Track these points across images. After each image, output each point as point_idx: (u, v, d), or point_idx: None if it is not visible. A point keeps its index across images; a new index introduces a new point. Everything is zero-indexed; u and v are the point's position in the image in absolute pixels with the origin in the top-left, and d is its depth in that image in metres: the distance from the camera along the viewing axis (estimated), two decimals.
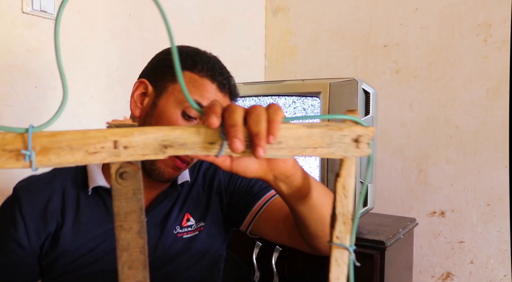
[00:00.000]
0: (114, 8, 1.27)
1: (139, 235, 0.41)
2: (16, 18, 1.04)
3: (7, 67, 1.04)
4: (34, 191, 0.72)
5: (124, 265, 0.41)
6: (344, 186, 0.48)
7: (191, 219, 0.79)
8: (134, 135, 0.40)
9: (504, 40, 1.34)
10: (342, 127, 0.46)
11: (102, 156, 0.38)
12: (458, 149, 1.43)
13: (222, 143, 0.41)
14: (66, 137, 0.39)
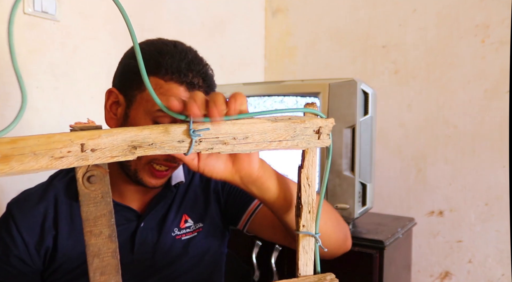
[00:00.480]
0: (115, 9, 1.27)
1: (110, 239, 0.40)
2: (18, 19, 1.05)
3: (8, 67, 1.04)
4: (28, 207, 0.71)
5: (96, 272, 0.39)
6: (308, 176, 0.51)
7: (189, 220, 0.79)
8: (102, 137, 0.38)
9: (502, 40, 1.35)
10: (304, 120, 0.48)
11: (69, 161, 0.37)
12: (456, 148, 1.43)
13: (192, 141, 0.42)
14: (28, 143, 0.36)
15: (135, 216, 0.74)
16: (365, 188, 1.10)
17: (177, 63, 0.65)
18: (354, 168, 1.07)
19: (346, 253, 1.07)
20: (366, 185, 1.10)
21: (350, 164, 1.07)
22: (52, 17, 1.10)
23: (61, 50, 1.14)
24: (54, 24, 1.12)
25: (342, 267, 1.08)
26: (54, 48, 1.12)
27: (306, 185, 0.50)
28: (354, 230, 1.15)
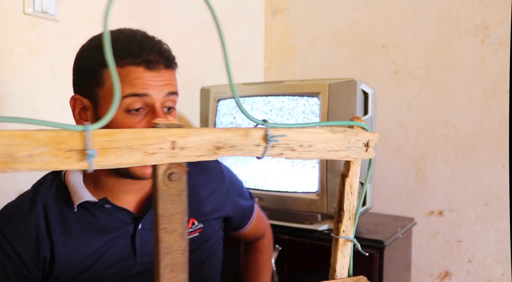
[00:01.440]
0: (115, 10, 1.27)
1: (182, 237, 0.40)
2: (18, 19, 1.05)
3: (9, 67, 1.04)
4: (17, 220, 0.68)
5: (166, 268, 0.39)
6: (351, 185, 0.54)
7: (195, 222, 0.79)
8: (191, 136, 0.39)
9: (502, 41, 1.35)
10: (357, 133, 0.52)
11: (160, 157, 0.37)
12: (456, 148, 1.44)
13: (267, 145, 0.44)
14: (123, 137, 0.35)
15: (132, 218, 0.72)
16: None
17: (127, 47, 0.64)
18: None
19: None
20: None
21: None
22: (52, 17, 1.11)
23: (61, 50, 1.14)
24: (54, 24, 1.12)
25: None
26: (54, 48, 1.13)
27: (349, 193, 0.54)
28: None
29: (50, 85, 1.13)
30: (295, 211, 1.13)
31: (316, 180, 1.10)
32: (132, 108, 0.63)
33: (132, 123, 0.64)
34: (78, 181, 0.71)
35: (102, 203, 0.70)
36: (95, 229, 0.70)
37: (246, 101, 1.21)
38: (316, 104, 1.10)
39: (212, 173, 0.85)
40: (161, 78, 0.65)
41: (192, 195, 0.80)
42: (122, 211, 0.72)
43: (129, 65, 0.63)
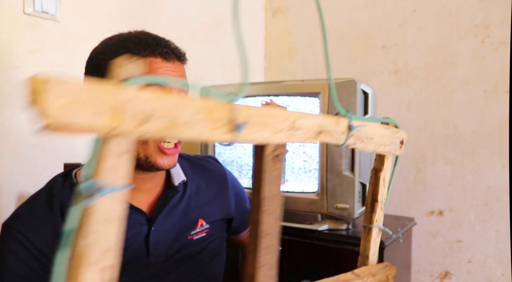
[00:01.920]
0: (115, 10, 1.27)
1: (277, 220, 0.40)
2: (18, 19, 1.05)
3: (9, 67, 1.04)
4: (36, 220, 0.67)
5: (264, 251, 0.39)
6: (384, 178, 0.59)
7: (204, 223, 0.80)
8: (305, 118, 0.39)
9: (502, 41, 1.35)
10: (398, 131, 0.58)
11: (282, 136, 0.37)
12: (456, 148, 1.44)
13: (349, 134, 0.47)
14: (258, 113, 0.35)
15: (146, 219, 0.73)
16: (365, 188, 1.10)
17: (144, 41, 0.68)
18: (354, 168, 1.07)
19: (346, 253, 1.07)
20: (366, 185, 1.10)
21: (350, 164, 1.08)
22: (52, 17, 1.11)
23: (61, 50, 1.14)
24: (54, 24, 1.12)
25: (342, 267, 1.08)
26: (54, 48, 1.13)
27: (383, 185, 0.59)
28: (354, 230, 1.15)
29: None
30: (295, 211, 1.13)
31: (316, 180, 1.10)
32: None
33: None
34: None
35: None
36: None
37: (246, 101, 1.21)
38: (316, 104, 1.10)
39: (215, 175, 0.87)
40: (176, 69, 0.69)
41: (198, 196, 0.81)
42: (137, 211, 0.73)
43: (148, 56, 0.67)
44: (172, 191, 0.77)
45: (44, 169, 1.11)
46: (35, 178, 1.10)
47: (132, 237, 0.71)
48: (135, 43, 0.68)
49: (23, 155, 1.08)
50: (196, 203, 0.81)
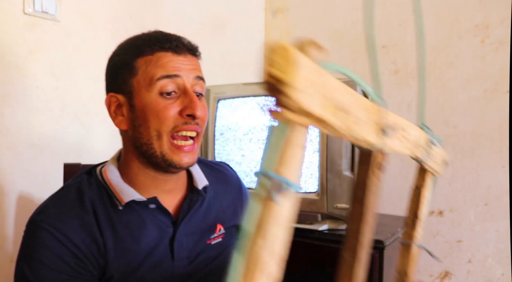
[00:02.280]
0: (115, 10, 1.27)
1: (372, 232, 0.40)
2: (18, 19, 1.05)
3: (9, 67, 1.04)
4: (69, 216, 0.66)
5: (360, 264, 0.37)
6: (425, 197, 0.60)
7: (222, 229, 0.80)
8: (413, 128, 0.39)
9: (502, 41, 1.35)
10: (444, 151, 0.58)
11: (396, 143, 0.35)
12: (456, 148, 1.44)
13: (428, 149, 0.45)
14: (389, 117, 0.33)
15: (171, 222, 0.72)
16: None
17: (154, 37, 0.69)
18: (354, 167, 1.07)
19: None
20: None
21: (350, 164, 1.08)
22: (52, 17, 1.11)
23: (61, 50, 1.14)
24: (54, 24, 1.12)
25: None
26: (54, 48, 1.13)
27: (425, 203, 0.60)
28: None
29: (50, 85, 1.13)
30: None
31: (316, 180, 1.10)
32: (165, 91, 0.66)
33: (166, 104, 0.66)
34: (121, 180, 0.71)
35: (149, 202, 0.70)
36: (140, 229, 0.69)
37: (246, 101, 1.21)
38: None
39: (231, 181, 0.87)
40: (188, 62, 0.69)
41: (216, 201, 0.81)
42: (165, 212, 0.71)
43: (158, 51, 0.67)
44: (196, 194, 0.76)
45: (44, 169, 1.11)
46: (35, 178, 1.10)
47: (159, 239, 0.70)
48: (145, 41, 0.69)
49: (23, 155, 1.08)
50: (214, 207, 0.80)
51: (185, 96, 0.67)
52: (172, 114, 0.66)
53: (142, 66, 0.67)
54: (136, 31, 1.09)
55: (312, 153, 1.11)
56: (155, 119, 0.66)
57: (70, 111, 1.17)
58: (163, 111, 0.66)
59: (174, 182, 0.74)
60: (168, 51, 0.68)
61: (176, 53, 0.68)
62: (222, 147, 1.25)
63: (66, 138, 1.16)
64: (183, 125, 0.67)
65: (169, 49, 0.68)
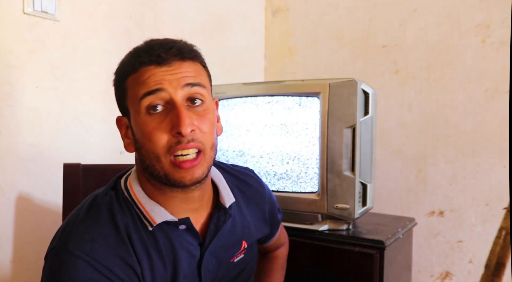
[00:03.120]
0: (115, 9, 1.27)
1: None
2: (18, 19, 1.05)
3: (9, 67, 1.04)
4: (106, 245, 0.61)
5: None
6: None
7: (246, 246, 0.77)
8: None
9: (503, 41, 1.34)
10: None
11: None
12: (457, 149, 1.43)
13: None
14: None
15: (198, 243, 0.69)
16: (365, 188, 1.10)
17: (137, 51, 0.65)
18: (355, 168, 1.06)
19: (347, 253, 1.07)
20: (366, 185, 1.10)
21: (351, 164, 1.07)
22: (52, 17, 1.10)
23: (61, 50, 1.14)
24: (54, 24, 1.12)
25: (342, 267, 1.08)
26: (54, 48, 1.12)
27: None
28: (354, 230, 1.15)
29: (50, 85, 1.12)
30: (295, 211, 1.13)
31: (317, 180, 1.10)
32: (151, 107, 0.61)
33: (154, 125, 0.61)
34: (148, 199, 0.66)
35: (180, 223, 0.66)
36: (170, 254, 0.66)
37: (246, 101, 1.21)
38: (316, 104, 1.10)
39: (256, 193, 0.83)
40: (175, 71, 0.62)
41: (240, 217, 0.78)
42: (193, 232, 0.68)
43: (142, 66, 0.63)
44: (223, 213, 0.71)
45: (44, 169, 1.11)
46: (35, 178, 1.10)
47: (188, 264, 0.67)
48: (131, 56, 0.65)
49: (23, 155, 1.08)
50: (239, 223, 0.77)
51: (173, 112, 0.61)
52: (162, 136, 0.60)
53: (130, 86, 0.63)
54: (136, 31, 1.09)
55: (312, 153, 1.11)
56: (149, 142, 0.61)
57: (70, 111, 1.17)
58: (153, 134, 0.61)
59: (197, 200, 0.69)
60: (150, 65, 0.62)
61: (158, 65, 0.62)
62: (222, 146, 1.25)
63: (66, 139, 1.16)
64: (176, 146, 0.60)
65: (152, 62, 0.62)
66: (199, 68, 0.67)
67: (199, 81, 0.64)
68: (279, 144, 1.15)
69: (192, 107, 0.63)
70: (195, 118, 0.62)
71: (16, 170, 1.07)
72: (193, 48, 0.69)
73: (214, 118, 0.66)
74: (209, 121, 0.64)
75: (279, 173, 1.16)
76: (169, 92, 0.61)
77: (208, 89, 0.67)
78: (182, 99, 0.62)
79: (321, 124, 1.08)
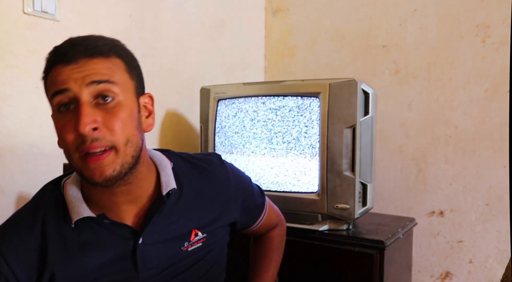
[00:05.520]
0: (115, 9, 1.27)
1: None
2: (17, 19, 1.05)
3: (8, 67, 1.04)
4: (16, 238, 0.65)
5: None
6: None
7: (199, 233, 0.76)
8: None
9: (503, 40, 1.34)
10: None
11: None
12: (457, 149, 1.43)
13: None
14: None
15: (131, 232, 0.69)
16: (365, 188, 1.10)
17: (51, 52, 0.65)
18: (355, 168, 1.06)
19: (347, 253, 1.07)
20: (366, 185, 1.10)
21: (351, 164, 1.07)
22: (52, 17, 1.10)
23: None
24: (54, 24, 1.12)
25: (342, 267, 1.08)
26: None
27: None
28: (355, 230, 1.15)
29: None
30: (295, 211, 1.13)
31: (316, 180, 1.10)
32: (61, 105, 0.62)
33: (63, 123, 0.62)
34: (77, 195, 0.68)
35: (101, 219, 0.67)
36: (94, 246, 0.67)
37: (246, 101, 1.21)
38: (316, 104, 1.10)
39: (218, 179, 0.81)
40: (81, 69, 0.61)
41: (196, 204, 0.76)
42: (122, 226, 0.69)
43: (53, 66, 0.63)
44: (160, 201, 0.71)
45: (44, 169, 1.11)
46: (34, 178, 1.10)
47: (117, 254, 0.68)
48: (48, 57, 0.65)
49: (23, 155, 1.08)
50: (192, 211, 0.76)
51: (77, 111, 0.60)
52: (69, 135, 0.61)
53: (47, 85, 0.64)
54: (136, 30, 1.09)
55: (312, 153, 1.11)
56: (61, 140, 0.63)
57: None
58: (62, 132, 0.62)
59: (128, 193, 0.69)
60: (59, 64, 0.62)
61: (64, 63, 0.61)
62: (222, 146, 1.25)
63: None
64: (81, 146, 0.60)
65: (59, 62, 0.62)
66: (112, 64, 0.65)
67: (107, 78, 0.62)
68: (279, 144, 1.15)
69: (103, 105, 0.62)
70: (102, 116, 0.61)
71: (16, 170, 1.07)
72: (107, 44, 0.67)
73: (131, 114, 0.65)
74: (118, 118, 0.62)
75: (279, 173, 1.16)
76: (73, 91, 0.61)
77: (125, 86, 0.65)
78: (89, 97, 0.61)
79: (321, 124, 1.08)
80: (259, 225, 0.92)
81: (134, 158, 0.65)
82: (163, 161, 0.76)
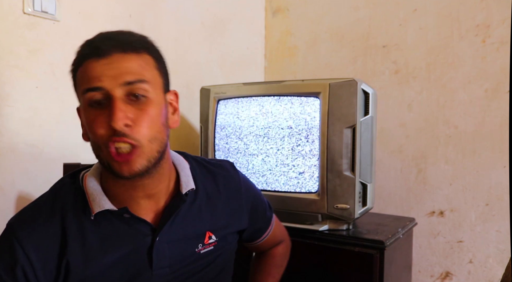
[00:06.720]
0: (115, 9, 1.27)
1: None
2: (17, 19, 1.05)
3: (8, 67, 1.04)
4: (37, 228, 0.66)
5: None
6: None
7: (212, 236, 0.77)
8: None
9: (503, 41, 1.34)
10: None
11: None
12: (457, 149, 1.43)
13: None
14: None
15: (150, 229, 0.70)
16: (365, 188, 1.10)
17: (83, 45, 0.66)
18: (355, 168, 1.06)
19: (347, 253, 1.07)
20: (366, 185, 1.10)
21: (351, 164, 1.07)
22: (52, 17, 1.10)
23: (61, 50, 1.14)
24: (54, 24, 1.12)
25: (342, 267, 1.08)
26: (54, 48, 1.12)
27: None
28: (355, 230, 1.15)
29: (50, 85, 1.12)
30: (295, 211, 1.13)
31: (317, 180, 1.10)
32: (93, 101, 0.62)
33: (95, 117, 0.63)
34: (97, 188, 0.69)
35: (122, 212, 0.68)
36: (113, 239, 0.68)
37: (246, 101, 1.21)
38: (316, 104, 1.10)
39: (230, 186, 0.82)
40: (114, 65, 0.62)
41: (208, 207, 0.77)
42: (141, 221, 0.69)
43: (85, 59, 0.63)
44: (179, 199, 0.72)
45: (44, 169, 1.11)
46: (34, 178, 1.10)
47: (134, 249, 0.69)
48: (80, 49, 0.66)
49: (22, 155, 1.08)
50: (206, 214, 0.76)
51: (111, 106, 0.61)
52: (100, 127, 0.62)
53: (79, 78, 0.65)
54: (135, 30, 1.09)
55: (312, 153, 1.11)
56: (91, 133, 0.64)
57: (70, 111, 1.17)
58: (92, 125, 0.63)
59: (150, 188, 0.70)
60: (91, 57, 0.62)
61: (98, 57, 0.62)
62: (222, 146, 1.25)
63: (66, 139, 1.16)
64: (112, 137, 0.62)
65: (91, 55, 0.62)
66: (144, 61, 0.65)
67: (140, 77, 0.63)
68: (279, 144, 1.15)
69: (134, 101, 0.63)
70: (133, 113, 0.62)
71: (16, 170, 1.07)
72: (139, 39, 0.67)
73: (160, 111, 0.66)
74: (148, 115, 0.63)
75: (279, 173, 1.16)
76: (108, 89, 0.61)
77: (155, 83, 0.66)
78: (122, 94, 0.62)
79: (321, 124, 1.08)
80: (264, 239, 0.93)
81: (160, 152, 0.66)
82: (182, 161, 0.78)
